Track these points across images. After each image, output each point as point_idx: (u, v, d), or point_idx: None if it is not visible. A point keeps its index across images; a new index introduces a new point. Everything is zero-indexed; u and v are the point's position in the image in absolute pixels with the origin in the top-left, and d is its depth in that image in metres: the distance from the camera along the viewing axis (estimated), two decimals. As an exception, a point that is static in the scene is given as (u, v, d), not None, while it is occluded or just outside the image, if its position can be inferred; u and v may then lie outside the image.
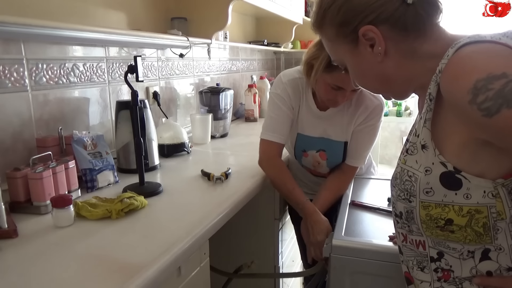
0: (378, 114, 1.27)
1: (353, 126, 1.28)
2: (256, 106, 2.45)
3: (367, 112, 1.25)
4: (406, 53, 0.65)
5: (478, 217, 0.60)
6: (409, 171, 0.66)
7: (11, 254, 0.77)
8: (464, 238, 0.62)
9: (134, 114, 1.09)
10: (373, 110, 1.25)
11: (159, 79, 1.79)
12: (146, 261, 0.73)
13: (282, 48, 3.10)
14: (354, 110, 1.27)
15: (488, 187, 0.58)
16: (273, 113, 1.29)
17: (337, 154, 1.32)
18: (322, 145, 1.32)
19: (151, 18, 1.75)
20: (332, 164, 1.35)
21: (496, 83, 0.50)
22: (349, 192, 1.29)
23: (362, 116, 1.26)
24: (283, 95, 1.27)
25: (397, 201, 0.70)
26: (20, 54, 1.11)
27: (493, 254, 0.63)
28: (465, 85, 0.52)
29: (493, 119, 0.50)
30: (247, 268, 1.43)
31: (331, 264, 0.96)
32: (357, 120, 1.27)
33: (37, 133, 1.17)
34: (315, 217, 1.17)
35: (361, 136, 1.29)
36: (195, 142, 1.80)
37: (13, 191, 0.97)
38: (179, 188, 1.19)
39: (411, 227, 0.69)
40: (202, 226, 0.89)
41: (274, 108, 1.29)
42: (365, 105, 1.25)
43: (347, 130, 1.29)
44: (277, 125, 1.28)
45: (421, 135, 0.64)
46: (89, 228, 0.89)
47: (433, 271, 0.69)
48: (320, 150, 1.33)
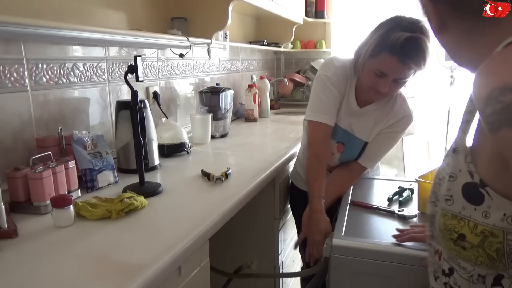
0: (406, 124, 1.30)
1: (379, 129, 1.31)
2: (256, 106, 2.45)
3: (396, 118, 1.29)
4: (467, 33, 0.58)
5: (492, 240, 0.54)
6: (440, 173, 0.63)
7: (11, 254, 0.77)
8: (475, 259, 0.57)
9: (134, 114, 1.09)
10: (402, 118, 1.29)
11: (159, 79, 1.79)
12: (146, 261, 0.73)
13: (282, 48, 3.10)
14: (385, 114, 1.30)
15: (509, 210, 0.52)
16: (323, 94, 1.28)
17: (354, 150, 1.34)
18: (343, 138, 1.33)
19: (151, 18, 1.74)
20: (344, 159, 1.36)
21: (508, 96, 0.43)
22: (349, 192, 1.29)
23: (391, 121, 1.29)
24: (335, 78, 1.28)
25: (429, 202, 0.67)
26: (20, 54, 1.11)
27: (506, 282, 0.57)
28: (482, 91, 0.47)
29: (496, 135, 0.46)
30: (247, 268, 1.43)
31: (331, 264, 0.96)
32: (385, 124, 1.30)
33: (37, 133, 1.17)
34: (318, 215, 1.18)
35: (382, 140, 1.32)
36: (195, 142, 1.80)
37: (13, 191, 0.97)
38: (179, 188, 1.19)
39: (434, 233, 0.66)
40: (202, 226, 0.89)
41: (324, 90, 1.28)
42: (396, 112, 1.29)
43: (372, 131, 1.31)
44: (327, 107, 1.28)
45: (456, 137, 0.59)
46: (89, 228, 0.89)
47: (443, 284, 0.65)
48: (340, 142, 1.34)
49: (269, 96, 2.75)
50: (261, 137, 2.05)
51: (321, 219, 1.17)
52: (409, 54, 1.07)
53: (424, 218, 1.07)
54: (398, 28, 1.08)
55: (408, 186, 1.27)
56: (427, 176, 1.16)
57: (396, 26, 1.09)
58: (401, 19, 1.11)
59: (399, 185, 1.28)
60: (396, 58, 1.08)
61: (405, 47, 1.06)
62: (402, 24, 1.09)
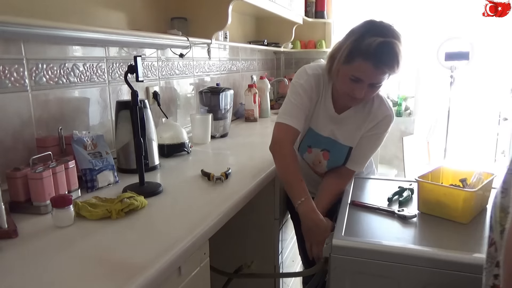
0: (387, 124, 1.29)
1: (361, 132, 1.30)
2: (256, 106, 2.45)
3: (376, 120, 1.28)
4: None
5: None
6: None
7: (11, 254, 0.77)
8: None
9: (134, 114, 1.09)
10: (383, 119, 1.28)
11: (159, 79, 1.79)
12: (146, 261, 0.73)
13: (282, 48, 3.10)
14: (365, 117, 1.29)
15: None
16: (294, 99, 1.28)
17: (339, 156, 1.33)
18: (327, 145, 1.33)
19: (151, 18, 1.74)
20: (332, 166, 1.36)
21: None
22: (349, 192, 1.29)
23: (372, 123, 1.28)
24: (306, 85, 1.27)
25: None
26: (20, 54, 1.11)
27: None
28: None
29: None
30: (247, 268, 1.43)
31: (331, 264, 0.96)
32: (367, 126, 1.29)
33: (37, 133, 1.17)
34: (315, 216, 1.18)
35: (366, 142, 1.31)
36: (195, 142, 1.80)
37: (13, 191, 0.97)
38: (179, 188, 1.19)
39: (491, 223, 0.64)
40: (202, 226, 0.89)
41: (295, 95, 1.28)
42: (375, 114, 1.28)
43: (355, 136, 1.31)
44: (295, 111, 1.27)
45: None
46: (89, 228, 0.89)
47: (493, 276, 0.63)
48: (325, 149, 1.34)
49: (269, 96, 2.75)
50: (261, 137, 2.05)
51: (320, 219, 1.17)
52: (383, 59, 1.08)
53: (424, 218, 1.07)
54: (371, 33, 1.08)
55: (408, 186, 1.27)
56: (427, 176, 1.16)
57: (369, 31, 1.09)
58: (373, 24, 1.12)
59: (399, 185, 1.28)
60: (370, 63, 1.08)
61: (379, 52, 1.06)
62: (375, 29, 1.09)
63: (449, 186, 1.12)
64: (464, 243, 0.94)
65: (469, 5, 3.11)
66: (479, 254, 0.87)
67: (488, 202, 1.14)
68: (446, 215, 1.04)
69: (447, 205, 1.04)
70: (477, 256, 0.86)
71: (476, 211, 1.07)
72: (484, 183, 1.07)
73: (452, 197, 1.03)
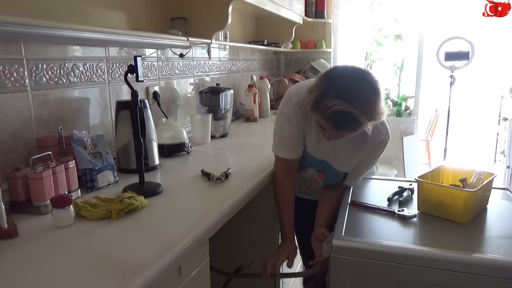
0: (383, 147, 1.25)
1: (357, 159, 1.27)
2: (256, 106, 2.45)
3: (372, 147, 1.23)
4: None
5: None
6: None
7: (11, 254, 0.77)
8: None
9: (134, 114, 1.09)
10: (379, 144, 1.23)
11: (159, 79, 1.79)
12: (146, 261, 0.73)
13: (282, 48, 3.10)
14: (360, 146, 1.23)
15: None
16: (282, 130, 1.27)
17: (335, 178, 1.33)
18: (322, 167, 1.32)
19: (151, 18, 1.74)
20: (328, 184, 1.37)
21: None
22: (349, 192, 1.29)
23: (368, 150, 1.24)
24: (290, 115, 1.23)
25: None
26: (20, 54, 1.11)
27: None
28: None
29: None
30: (247, 268, 1.43)
31: (331, 264, 0.96)
32: (363, 154, 1.25)
33: (37, 133, 1.17)
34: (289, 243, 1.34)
35: (363, 164, 1.29)
36: (195, 142, 1.80)
37: (13, 191, 0.97)
38: (179, 188, 1.19)
39: None
40: (202, 226, 0.89)
41: (282, 126, 1.26)
42: (371, 141, 1.21)
43: (351, 163, 1.28)
44: (284, 143, 1.27)
45: None
46: (89, 228, 0.89)
47: None
48: (320, 171, 1.33)
49: (269, 96, 2.75)
50: (261, 137, 2.05)
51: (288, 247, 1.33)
52: (341, 125, 1.03)
53: (424, 218, 1.07)
54: (332, 93, 1.00)
55: (408, 186, 1.27)
56: (427, 176, 1.16)
57: (330, 89, 1.01)
58: (338, 77, 1.04)
59: (399, 185, 1.28)
60: (330, 124, 1.04)
61: (337, 118, 1.01)
62: (338, 88, 1.01)
63: (449, 186, 1.12)
64: (464, 243, 0.94)
65: (469, 5, 3.11)
66: (479, 254, 0.87)
67: (488, 202, 1.14)
68: (446, 215, 1.04)
69: (447, 205, 1.04)
70: (477, 256, 0.86)
71: (476, 211, 1.07)
72: (484, 183, 1.07)
73: (452, 197, 1.03)
